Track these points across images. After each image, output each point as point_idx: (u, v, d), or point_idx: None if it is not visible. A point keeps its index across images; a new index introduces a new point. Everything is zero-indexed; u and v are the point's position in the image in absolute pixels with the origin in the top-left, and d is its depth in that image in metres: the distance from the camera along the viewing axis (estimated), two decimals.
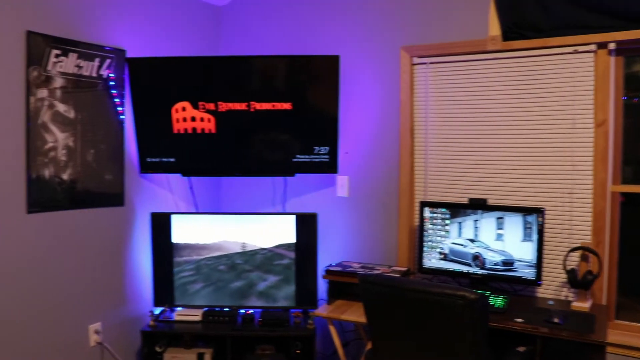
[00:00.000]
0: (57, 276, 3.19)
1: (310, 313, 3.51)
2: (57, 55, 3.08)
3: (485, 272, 3.17)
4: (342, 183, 3.78)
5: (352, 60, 3.65)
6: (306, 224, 3.60)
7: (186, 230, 3.64)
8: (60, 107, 3.14)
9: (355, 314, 3.16)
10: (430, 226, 3.34)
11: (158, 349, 3.45)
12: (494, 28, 3.22)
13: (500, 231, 3.14)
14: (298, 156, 3.59)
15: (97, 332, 3.42)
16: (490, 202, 3.25)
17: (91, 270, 3.39)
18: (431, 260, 3.35)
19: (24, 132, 2.97)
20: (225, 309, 3.61)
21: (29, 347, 3.05)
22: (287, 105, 3.50)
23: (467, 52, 3.36)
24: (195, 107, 3.53)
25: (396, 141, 3.59)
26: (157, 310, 3.61)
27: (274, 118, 3.53)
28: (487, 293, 3.03)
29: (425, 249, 3.36)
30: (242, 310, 3.61)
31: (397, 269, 3.42)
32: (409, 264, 3.56)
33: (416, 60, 3.53)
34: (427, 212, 3.35)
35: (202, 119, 3.55)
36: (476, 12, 3.29)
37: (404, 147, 3.57)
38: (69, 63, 3.14)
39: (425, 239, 3.36)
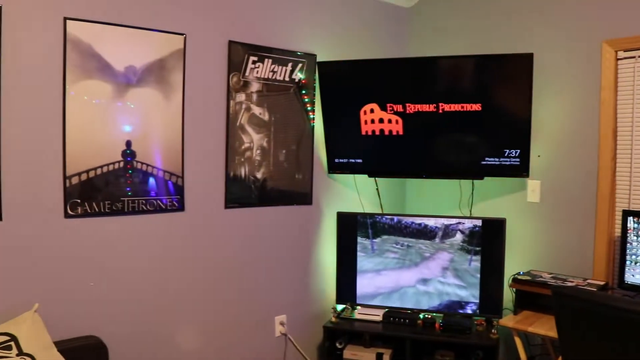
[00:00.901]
0: (249, 267, 3.43)
1: (494, 322, 3.35)
2: (254, 62, 3.30)
3: None
4: (533, 188, 3.54)
5: (544, 56, 3.40)
6: (493, 229, 3.44)
7: (371, 231, 3.68)
8: (256, 110, 3.35)
9: (544, 327, 2.94)
10: (635, 238, 3.00)
11: (338, 345, 3.53)
12: None
13: None
14: (487, 159, 3.44)
15: (282, 323, 3.60)
16: None
17: (279, 264, 3.58)
18: (634, 276, 3.00)
19: (224, 133, 3.23)
20: (406, 311, 3.59)
21: (222, 329, 3.33)
22: (476, 107, 3.37)
23: None
24: (383, 108, 3.55)
25: (595, 143, 3.26)
26: (340, 307, 3.69)
27: (462, 120, 3.42)
28: None
29: (627, 262, 3.02)
30: (423, 314, 3.56)
31: (593, 282, 3.12)
32: (606, 278, 3.22)
33: (622, 54, 3.19)
34: (631, 223, 3.01)
35: (389, 121, 3.56)
36: None
37: (604, 150, 3.24)
38: (264, 69, 3.35)
39: (628, 251, 3.01)
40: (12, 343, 2.33)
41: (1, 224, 2.54)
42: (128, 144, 2.87)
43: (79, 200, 2.73)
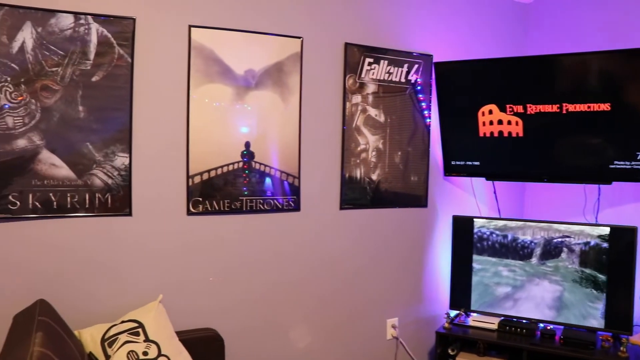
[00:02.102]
0: (362, 269, 3.41)
1: (623, 339, 3.07)
2: (369, 64, 3.28)
3: None
4: None
5: None
6: (623, 238, 3.16)
7: (488, 235, 3.52)
8: (372, 112, 3.32)
9: None
10: None
11: (450, 352, 3.41)
12: None
13: None
14: (616, 162, 3.16)
15: (393, 326, 3.54)
16: None
17: (392, 266, 3.52)
18: None
19: (340, 135, 3.23)
20: (523, 321, 3.39)
21: (334, 328, 3.34)
22: (604, 106, 3.12)
23: None
24: (503, 110, 3.39)
25: None
26: (453, 313, 3.57)
27: (588, 120, 3.17)
28: None
29: None
30: (542, 325, 3.35)
31: None
32: None
33: None
34: None
35: (509, 122, 3.39)
36: None
37: None
38: (380, 70, 3.31)
39: None
40: (140, 330, 2.47)
41: (131, 219, 2.70)
42: (247, 144, 2.95)
43: (200, 199, 2.85)
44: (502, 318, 3.45)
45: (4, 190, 2.48)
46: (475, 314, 3.55)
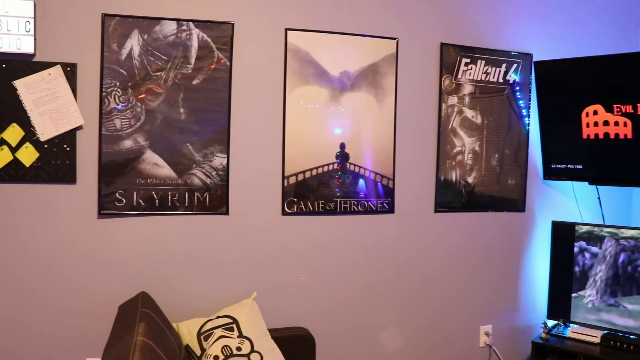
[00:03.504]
0: (456, 273, 3.26)
1: None
2: (466, 64, 3.14)
3: None
4: None
5: None
6: None
7: (588, 243, 3.27)
8: (468, 113, 3.18)
9: None
10: None
11: None
12: None
13: None
14: None
15: (487, 334, 3.35)
16: None
17: (487, 271, 3.34)
18: None
19: (435, 137, 3.11)
20: (630, 336, 3.10)
21: (425, 333, 3.21)
22: None
23: None
24: (609, 110, 3.13)
25: None
26: (551, 323, 3.32)
27: None
28: None
29: None
30: None
31: None
32: None
33: None
34: None
35: (616, 123, 3.13)
36: None
37: None
38: (477, 70, 3.16)
39: None
40: (234, 326, 2.47)
41: (228, 218, 2.72)
42: (342, 146, 2.90)
43: (294, 199, 2.82)
44: (606, 331, 3.17)
45: (112, 188, 2.57)
46: (575, 326, 3.29)
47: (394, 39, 2.98)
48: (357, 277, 3.02)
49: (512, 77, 3.27)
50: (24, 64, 2.52)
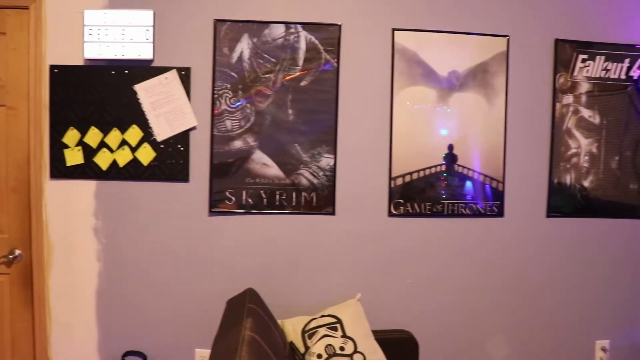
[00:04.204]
0: (569, 281, 3.04)
1: None
2: (583, 60, 2.93)
3: None
4: None
5: None
6: None
7: None
8: (585, 113, 2.97)
9: None
10: None
11: None
12: None
13: None
14: None
15: (603, 349, 3.09)
16: None
17: (603, 281, 3.08)
18: None
19: (548, 138, 2.93)
20: None
21: (534, 343, 3.01)
22: None
23: None
24: None
25: None
26: None
27: None
28: None
29: None
30: None
31: None
32: None
33: None
34: None
35: None
36: None
37: None
38: (595, 67, 2.95)
39: None
40: (338, 325, 2.45)
41: (334, 218, 2.70)
42: (450, 147, 2.80)
43: (401, 201, 2.75)
44: None
45: (222, 187, 2.63)
46: None
47: (505, 36, 2.84)
48: (464, 282, 2.89)
49: (637, 72, 3.02)
50: (143, 69, 2.64)
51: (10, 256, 2.74)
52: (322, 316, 2.52)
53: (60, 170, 2.68)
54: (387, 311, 2.80)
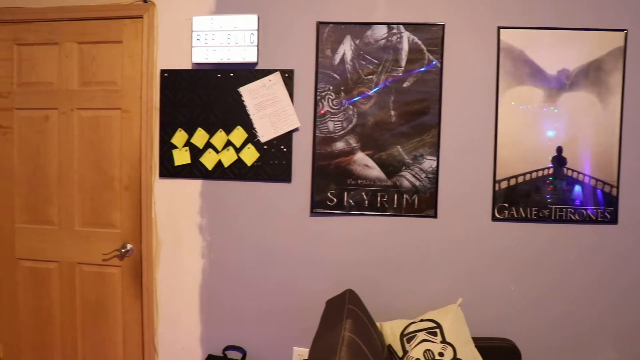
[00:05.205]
0: None
1: None
2: None
3: None
4: None
5: None
6: None
7: None
8: None
9: None
10: None
11: None
12: None
13: None
14: None
15: None
16: None
17: None
18: None
19: None
20: None
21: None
22: None
23: None
24: None
25: None
26: None
27: None
28: None
29: None
30: None
31: None
32: None
33: None
34: None
35: None
36: None
37: None
38: None
39: None
40: (438, 330, 2.38)
41: (436, 221, 2.63)
42: (559, 150, 2.65)
43: (505, 204, 2.64)
44: None
45: (324, 188, 2.62)
46: None
47: (622, 30, 2.65)
48: (571, 291, 2.72)
49: None
50: (248, 72, 2.68)
51: (123, 250, 2.87)
52: (422, 320, 2.46)
53: (168, 169, 2.77)
54: (490, 318, 2.69)
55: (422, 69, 2.59)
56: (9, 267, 3.05)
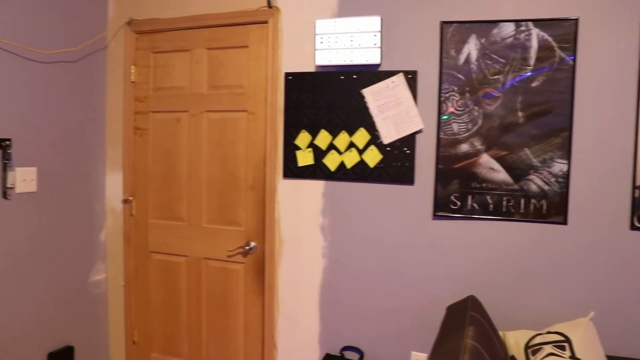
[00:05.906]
0: None
1: None
2: None
3: None
4: None
5: None
6: None
7: None
8: None
9: None
10: None
11: None
12: None
13: None
14: None
15: None
16: None
17: None
18: None
19: None
20: None
21: None
22: None
23: None
24: None
25: None
26: None
27: None
28: None
29: None
30: None
31: None
32: None
33: None
34: None
35: None
36: None
37: None
38: None
39: None
40: (566, 345, 2.25)
41: (565, 228, 2.49)
42: None
43: None
44: None
45: (447, 191, 2.57)
46: None
47: None
48: None
49: None
50: (371, 74, 2.68)
51: (247, 247, 2.97)
52: (548, 332, 2.34)
53: (292, 170, 2.84)
54: (625, 336, 2.51)
55: (553, 68, 2.46)
56: (143, 260, 3.27)
